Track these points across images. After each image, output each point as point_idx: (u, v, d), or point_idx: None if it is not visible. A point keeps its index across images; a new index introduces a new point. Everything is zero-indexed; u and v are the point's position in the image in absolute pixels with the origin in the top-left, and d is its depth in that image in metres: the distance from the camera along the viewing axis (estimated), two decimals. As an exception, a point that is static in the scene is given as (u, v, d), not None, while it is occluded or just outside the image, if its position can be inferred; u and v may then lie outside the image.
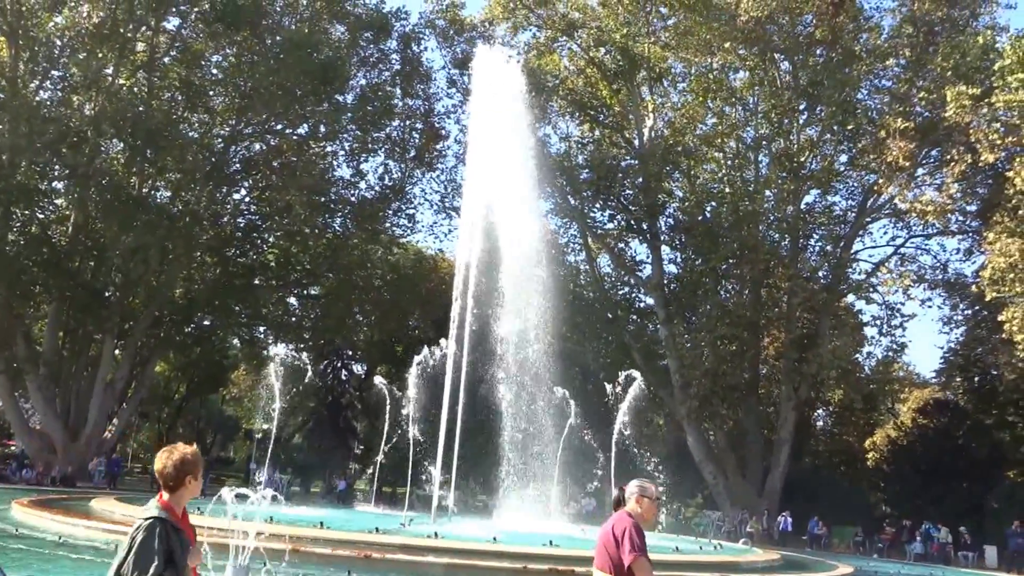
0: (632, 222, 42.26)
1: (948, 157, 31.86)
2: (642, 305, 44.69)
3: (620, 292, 45.10)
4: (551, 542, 15.11)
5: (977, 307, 37.80)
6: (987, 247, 30.65)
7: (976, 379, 43.36)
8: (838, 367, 35.17)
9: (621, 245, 45.13)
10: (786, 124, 37.76)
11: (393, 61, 40.52)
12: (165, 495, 4.23)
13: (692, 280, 38.69)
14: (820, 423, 54.55)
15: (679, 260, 42.38)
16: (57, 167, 34.66)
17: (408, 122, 41.36)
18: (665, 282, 40.06)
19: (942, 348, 43.49)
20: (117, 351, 37.60)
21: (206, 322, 42.65)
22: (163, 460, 4.23)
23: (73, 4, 32.66)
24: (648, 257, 42.97)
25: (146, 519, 4.07)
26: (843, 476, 49.50)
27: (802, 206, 38.88)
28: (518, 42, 41.07)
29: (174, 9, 35.46)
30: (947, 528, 33.63)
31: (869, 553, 34.11)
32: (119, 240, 33.65)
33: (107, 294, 36.99)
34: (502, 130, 23.13)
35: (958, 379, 44.38)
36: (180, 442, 4.43)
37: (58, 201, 37.54)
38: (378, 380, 26.96)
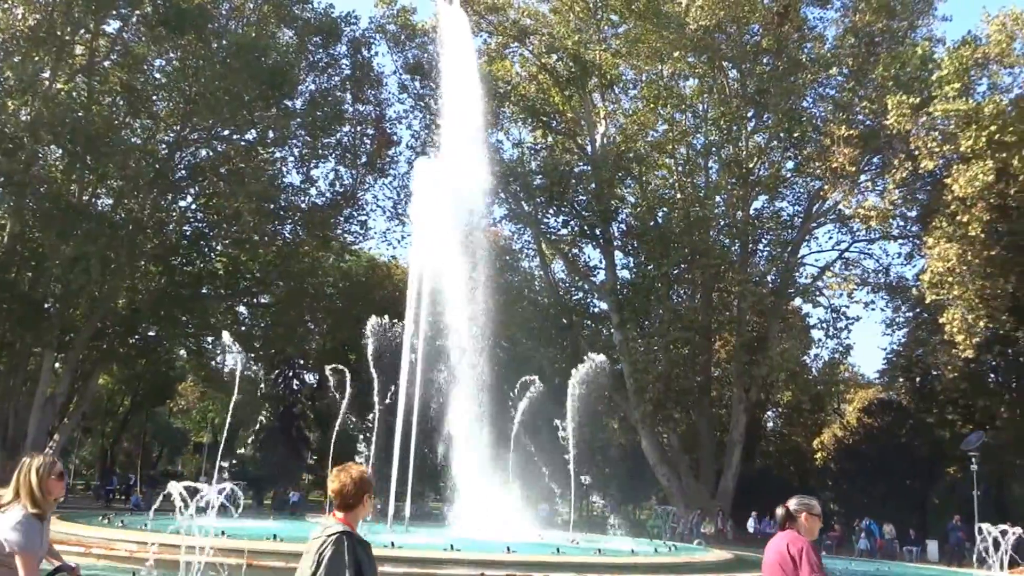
0: (585, 228, 42.54)
1: (889, 164, 32.74)
2: (596, 310, 44.99)
3: (574, 297, 45.33)
4: (508, 548, 15.03)
5: (918, 309, 38.86)
6: (927, 251, 31.58)
7: (918, 379, 44.63)
8: (787, 369, 35.85)
9: (575, 251, 45.39)
10: (735, 131, 38.39)
11: (343, 66, 40.11)
12: (340, 513, 4.18)
13: (645, 285, 39.05)
14: (770, 424, 55.59)
15: (632, 265, 42.80)
16: (-8, 175, 33.49)
17: (359, 128, 40.93)
18: (618, 287, 40.36)
19: (885, 350, 44.74)
20: (57, 364, 36.42)
21: (151, 333, 41.58)
22: (341, 479, 4.18)
23: (6, 6, 31.56)
24: (601, 262, 43.31)
25: (332, 534, 4.02)
26: (793, 476, 50.47)
27: (751, 211, 39.61)
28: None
29: (114, 12, 34.55)
30: (891, 524, 34.44)
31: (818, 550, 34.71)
32: (58, 250, 32.58)
33: (46, 306, 35.77)
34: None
35: (901, 379, 45.63)
36: (349, 463, 4.35)
37: (-7, 210, 36.30)
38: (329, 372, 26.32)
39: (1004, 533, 18.12)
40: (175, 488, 8.80)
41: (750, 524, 35.27)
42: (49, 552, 4.70)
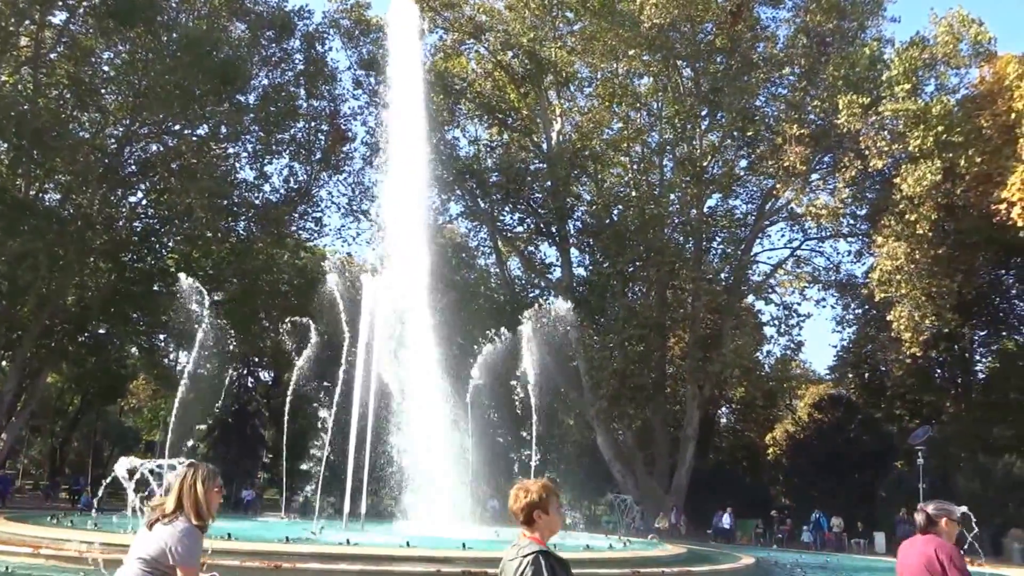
0: (541, 225, 42.70)
1: (840, 163, 33.25)
2: (551, 307, 45.10)
3: (530, 295, 45.47)
4: (464, 545, 15.10)
5: (867, 307, 39.65)
6: (876, 249, 32.24)
7: (866, 375, 45.63)
8: (740, 366, 36.34)
9: (531, 248, 45.55)
10: (689, 129, 38.81)
11: (296, 61, 39.72)
12: (527, 531, 4.05)
13: (600, 282, 39.34)
14: (724, 420, 56.31)
15: (587, 263, 43.08)
16: (-66, 168, 32.57)
17: (313, 123, 40.61)
18: (574, 284, 40.58)
19: (835, 346, 45.57)
20: (4, 363, 35.57)
21: (101, 331, 40.77)
22: (519, 495, 4.06)
23: (-52, -4, 30.70)
24: (557, 260, 43.54)
25: (528, 554, 3.90)
26: (745, 471, 51.26)
27: (705, 210, 40.07)
28: (425, 44, 40.93)
29: (61, 3, 33.75)
30: (839, 517, 35.19)
31: (769, 544, 35.37)
32: (4, 246, 31.75)
33: (-8, 302, 34.94)
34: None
35: (850, 375, 46.53)
36: (525, 479, 4.19)
37: (-64, 205, 35.24)
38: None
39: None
40: (121, 466, 8.66)
41: (726, 520, 35.36)
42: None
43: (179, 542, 4.11)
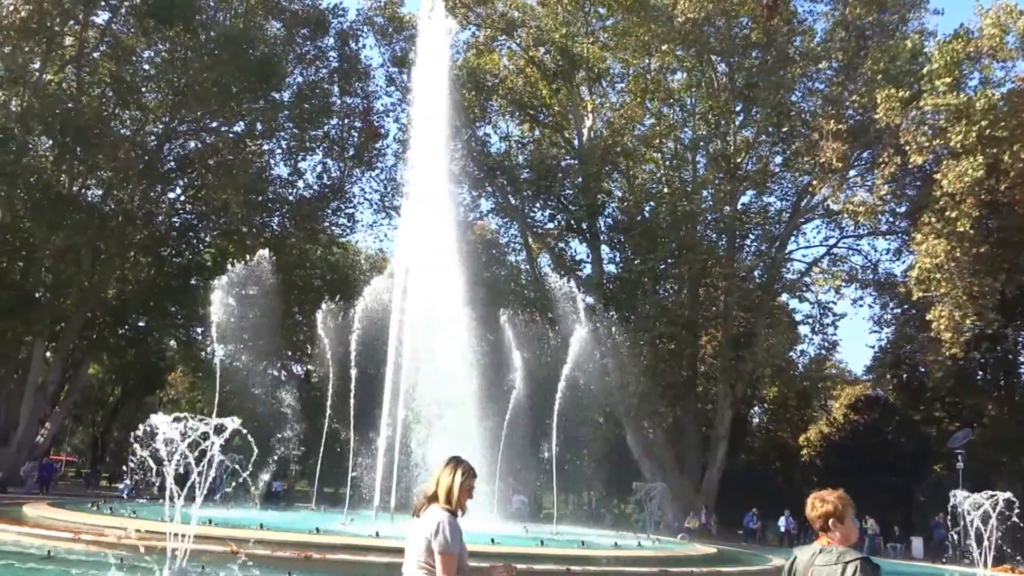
0: (572, 222, 42.59)
1: (879, 159, 32.57)
2: (584, 303, 45.02)
3: (560, 292, 45.37)
4: (493, 540, 15.16)
5: (906, 306, 38.89)
6: (915, 247, 31.55)
7: (905, 376, 44.79)
8: (773, 365, 36.00)
9: (561, 245, 45.42)
10: (723, 125, 38.46)
11: (331, 58, 40.09)
12: (825, 534, 4.29)
13: (631, 280, 39.14)
14: (756, 420, 55.81)
15: (618, 260, 42.90)
16: (-17, 165, 33.42)
17: (346, 120, 40.92)
18: (604, 281, 40.45)
19: (872, 347, 44.85)
20: (48, 353, 36.47)
21: (141, 323, 41.60)
22: (821, 505, 4.31)
23: (-3, -3, 31.51)
24: (588, 256, 43.38)
25: (850, 560, 4.09)
26: (778, 471, 50.75)
27: (738, 206, 39.62)
28: (457, 41, 41.06)
29: (104, 3, 34.47)
30: (873, 519, 34.70)
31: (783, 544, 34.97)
32: (49, 240, 32.61)
33: (37, 295, 35.81)
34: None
35: (888, 376, 45.78)
36: (823, 490, 4.44)
37: (-16, 200, 36.19)
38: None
39: (979, 506, 16.88)
40: (160, 419, 8.78)
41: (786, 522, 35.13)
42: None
43: (438, 531, 4.28)
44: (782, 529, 34.98)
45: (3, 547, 13.42)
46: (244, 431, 8.87)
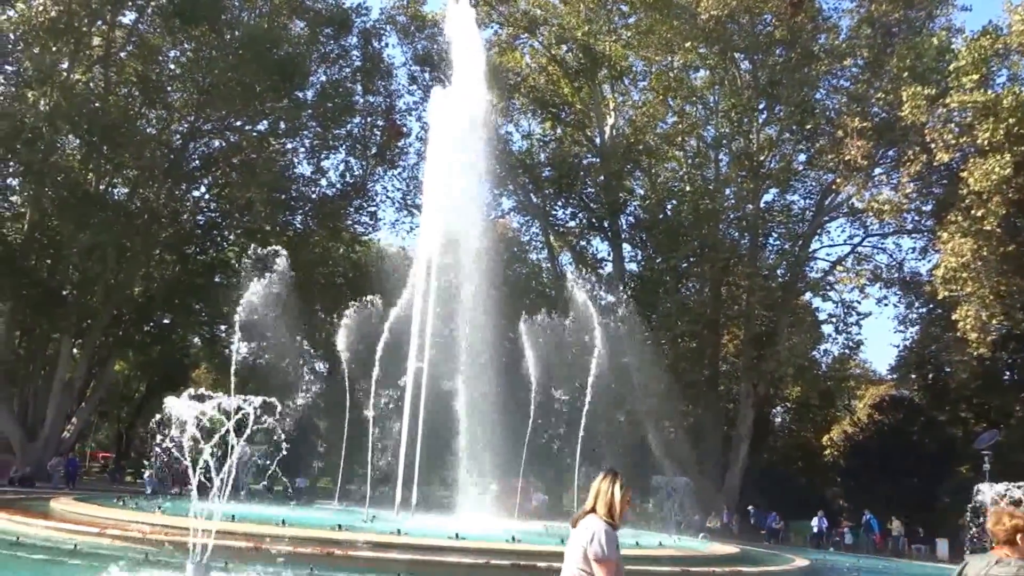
0: (593, 220, 42.54)
1: (904, 157, 32.19)
2: (603, 303, 44.94)
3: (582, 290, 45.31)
4: (513, 538, 15.18)
5: (931, 305, 38.39)
6: (941, 246, 31.12)
7: (930, 376, 44.18)
8: (795, 364, 35.70)
9: (583, 243, 45.40)
10: (746, 123, 38.22)
11: (354, 57, 40.29)
12: (1008, 551, 4.40)
13: (653, 278, 39.04)
14: (778, 420, 55.35)
15: (640, 258, 42.78)
16: (12, 164, 33.95)
17: (369, 119, 41.15)
18: (626, 280, 40.36)
19: (897, 346, 44.26)
20: (75, 350, 36.97)
21: (166, 320, 42.08)
22: (1017, 516, 4.47)
23: (29, -2, 31.98)
24: (609, 255, 43.32)
25: None
26: (800, 472, 50.32)
27: (761, 205, 39.43)
28: (480, 39, 41.07)
29: (130, 3, 34.86)
30: (898, 521, 34.34)
31: (826, 547, 34.75)
32: (75, 238, 33.02)
33: (64, 292, 36.34)
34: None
35: (912, 376, 45.22)
36: (1008, 506, 4.67)
37: (13, 198, 36.79)
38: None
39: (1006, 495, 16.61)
40: (179, 401, 8.87)
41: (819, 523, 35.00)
42: None
43: (595, 540, 4.39)
44: (815, 530, 34.74)
45: (31, 541, 13.61)
46: (268, 419, 8.91)
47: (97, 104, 33.08)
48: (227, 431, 8.80)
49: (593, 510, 4.56)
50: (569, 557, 4.52)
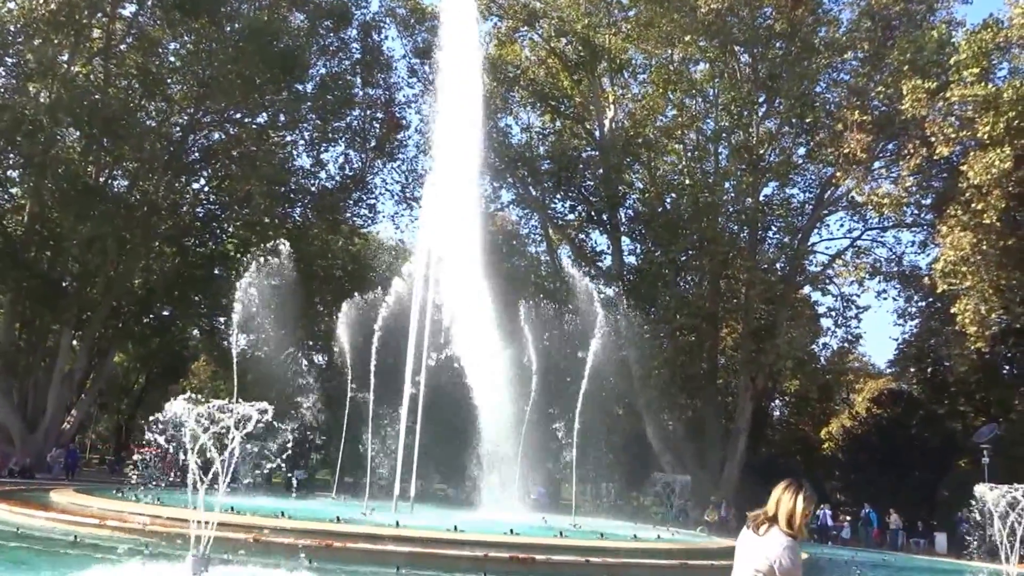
0: (592, 213, 42.54)
1: (904, 150, 32.14)
2: (602, 296, 45.00)
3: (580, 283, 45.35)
4: (512, 530, 15.25)
5: (931, 299, 38.34)
6: (940, 240, 31.09)
7: (929, 370, 44.25)
8: (794, 357, 35.70)
9: (581, 236, 45.38)
10: (745, 116, 38.11)
11: (353, 50, 40.24)
12: None
13: (652, 271, 39.02)
14: (777, 413, 55.50)
15: (639, 251, 42.76)
16: (12, 156, 33.94)
17: (368, 112, 41.12)
18: (625, 273, 40.37)
19: (896, 339, 44.26)
20: (75, 342, 37.03)
21: (165, 312, 42.14)
22: None
23: (29, -10, 31.86)
24: (608, 248, 43.32)
25: None
26: (799, 465, 50.43)
27: (760, 198, 39.29)
28: (479, 32, 41.00)
29: (131, -6, 34.83)
30: (896, 514, 34.40)
31: (824, 541, 34.84)
32: (76, 230, 33.05)
33: (64, 284, 36.43)
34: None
35: (912, 370, 45.29)
36: None
37: (13, 190, 36.84)
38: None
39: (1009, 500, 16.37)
40: (177, 404, 8.91)
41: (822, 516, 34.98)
42: None
43: (782, 554, 4.43)
44: (818, 522, 34.79)
45: (31, 532, 13.68)
46: (266, 416, 8.94)
47: (97, 96, 33.01)
48: (227, 430, 8.83)
49: (774, 518, 4.57)
50: (745, 562, 4.55)
